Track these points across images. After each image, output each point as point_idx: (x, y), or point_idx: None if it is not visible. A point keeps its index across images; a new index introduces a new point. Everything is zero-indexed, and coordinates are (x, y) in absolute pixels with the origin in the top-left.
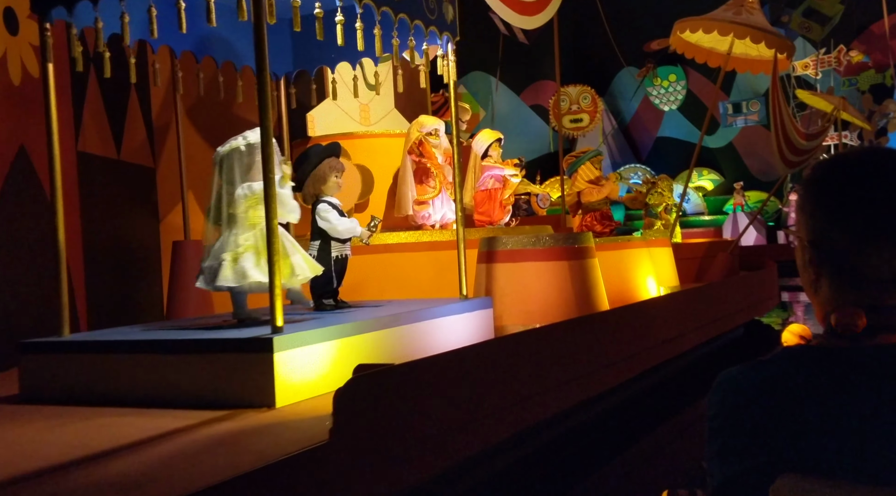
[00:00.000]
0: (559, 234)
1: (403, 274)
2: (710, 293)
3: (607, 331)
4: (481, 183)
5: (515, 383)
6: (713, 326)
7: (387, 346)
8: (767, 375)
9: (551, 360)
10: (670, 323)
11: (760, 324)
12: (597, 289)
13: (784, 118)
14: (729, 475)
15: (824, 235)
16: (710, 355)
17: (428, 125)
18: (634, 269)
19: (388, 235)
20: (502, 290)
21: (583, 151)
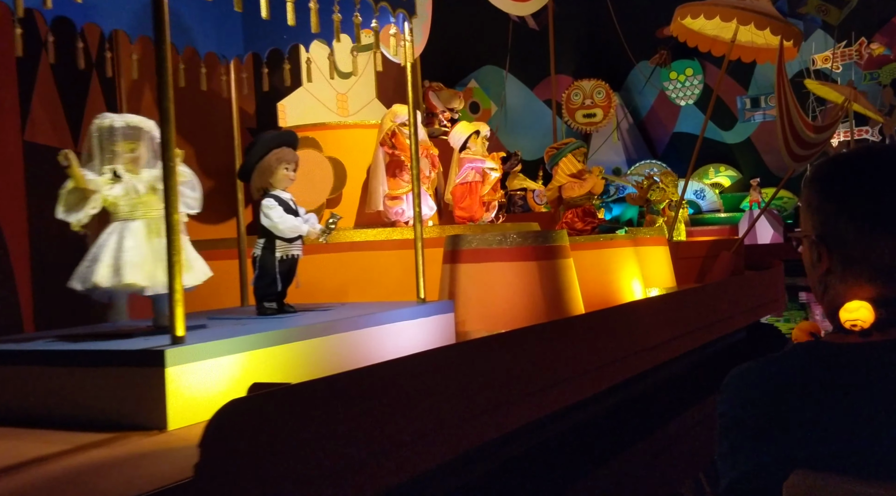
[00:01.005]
0: (528, 231)
1: (371, 274)
2: (705, 295)
3: (580, 337)
4: (461, 176)
5: (462, 398)
6: (708, 330)
7: (316, 358)
8: (778, 372)
9: (511, 371)
10: (655, 328)
11: (765, 326)
12: (570, 292)
13: (791, 109)
14: (741, 472)
15: (832, 228)
16: (704, 361)
17: (402, 115)
18: (617, 270)
19: (354, 232)
20: (466, 293)
21: (564, 143)
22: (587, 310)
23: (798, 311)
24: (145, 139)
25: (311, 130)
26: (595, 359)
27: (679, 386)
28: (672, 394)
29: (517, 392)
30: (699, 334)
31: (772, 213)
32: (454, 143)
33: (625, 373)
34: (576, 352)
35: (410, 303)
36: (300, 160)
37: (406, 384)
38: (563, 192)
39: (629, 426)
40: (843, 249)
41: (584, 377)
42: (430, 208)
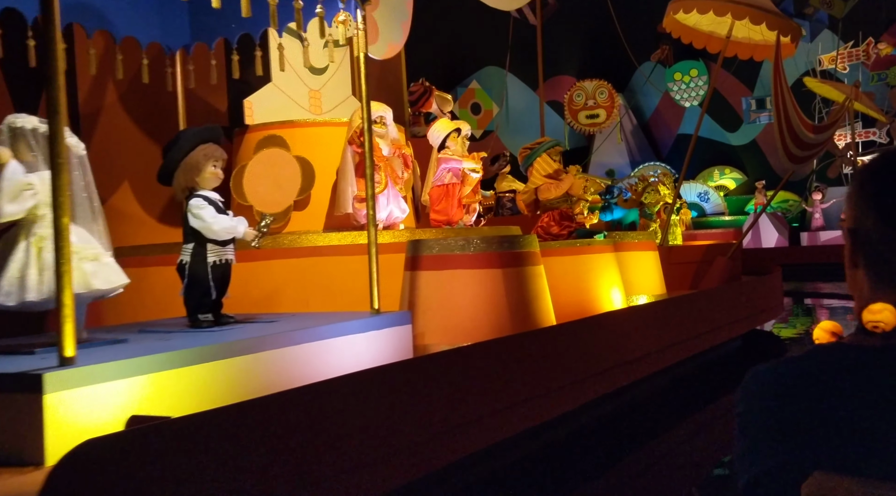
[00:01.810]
0: (494, 236)
1: (335, 282)
2: (694, 303)
3: (550, 351)
4: (437, 177)
5: (413, 421)
6: (697, 341)
7: (240, 378)
8: (797, 372)
9: (472, 388)
10: (635, 340)
11: (763, 334)
12: (539, 302)
13: (789, 109)
14: (758, 472)
15: (862, 225)
16: (693, 374)
17: (373, 111)
18: (595, 278)
19: (317, 236)
20: (426, 303)
21: (538, 142)
22: (559, 321)
23: (804, 317)
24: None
25: (279, 128)
26: (567, 374)
27: (664, 402)
28: (655, 410)
29: (478, 412)
30: (687, 345)
31: (777, 216)
32: (432, 141)
33: (601, 389)
34: (545, 366)
35: (363, 315)
36: (266, 160)
37: (340, 408)
38: (539, 194)
39: (606, 446)
40: (870, 248)
41: (554, 394)
42: (403, 211)
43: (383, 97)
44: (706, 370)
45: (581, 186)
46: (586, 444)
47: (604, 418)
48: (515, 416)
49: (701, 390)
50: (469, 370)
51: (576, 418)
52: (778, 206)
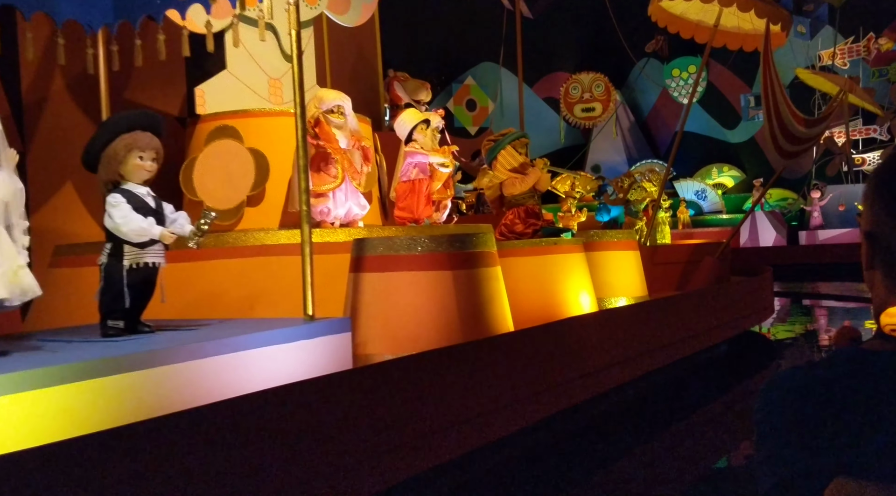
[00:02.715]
0: (444, 235)
1: (285, 283)
2: (674, 307)
3: (506, 360)
4: (404, 172)
5: (341, 441)
6: (677, 347)
7: (132, 397)
8: (817, 378)
9: (414, 402)
10: (605, 347)
11: (753, 337)
12: (494, 307)
13: (779, 101)
14: (780, 478)
15: (879, 228)
16: (669, 384)
17: (328, 101)
18: (562, 281)
19: (266, 234)
20: (369, 309)
21: (502, 134)
22: (521, 327)
23: (801, 318)
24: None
25: (231, 118)
26: (525, 386)
27: (637, 414)
28: (627, 423)
29: (421, 429)
30: (664, 352)
31: (775, 214)
32: (399, 133)
33: (564, 402)
34: (500, 378)
35: (295, 322)
36: (218, 153)
37: (247, 430)
38: (504, 190)
39: (568, 465)
40: (887, 251)
41: (511, 408)
42: (363, 207)
43: (356, 88)
44: (692, 375)
45: (548, 181)
46: (546, 463)
47: (569, 433)
48: (465, 433)
49: (685, 397)
50: (412, 383)
51: (534, 434)
52: (776, 205)
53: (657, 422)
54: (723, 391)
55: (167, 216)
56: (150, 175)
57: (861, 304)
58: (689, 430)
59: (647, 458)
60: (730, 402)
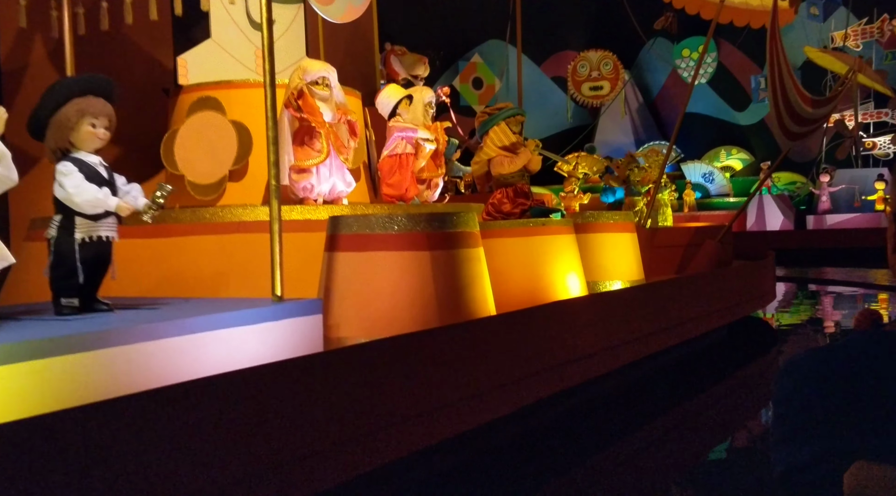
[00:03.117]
0: (423, 214)
1: (262, 262)
2: (668, 291)
3: (485, 345)
4: (389, 146)
5: (295, 433)
6: (671, 333)
7: (81, 380)
8: (837, 360)
9: (390, 388)
10: (593, 333)
11: (755, 322)
12: (475, 290)
13: (786, 80)
14: (798, 461)
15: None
16: (659, 371)
17: (313, 72)
18: (549, 263)
19: (243, 210)
20: (343, 290)
21: (498, 107)
22: (505, 310)
23: (809, 300)
24: None
25: (214, 89)
26: (505, 372)
27: (626, 402)
28: (616, 411)
29: (395, 417)
30: (658, 337)
31: (783, 197)
32: (380, 109)
33: (548, 389)
34: (480, 364)
35: (261, 303)
36: (199, 125)
37: (199, 418)
38: (492, 168)
39: (553, 454)
40: None
41: (491, 395)
42: (348, 184)
43: (352, 63)
44: (687, 362)
45: (539, 163)
46: (529, 451)
47: (554, 421)
48: (441, 421)
49: (678, 385)
50: (384, 368)
51: (517, 421)
52: (784, 188)
53: (645, 413)
54: (718, 378)
55: (119, 188)
56: (102, 144)
57: (868, 291)
58: (678, 421)
59: (633, 449)
60: (724, 391)
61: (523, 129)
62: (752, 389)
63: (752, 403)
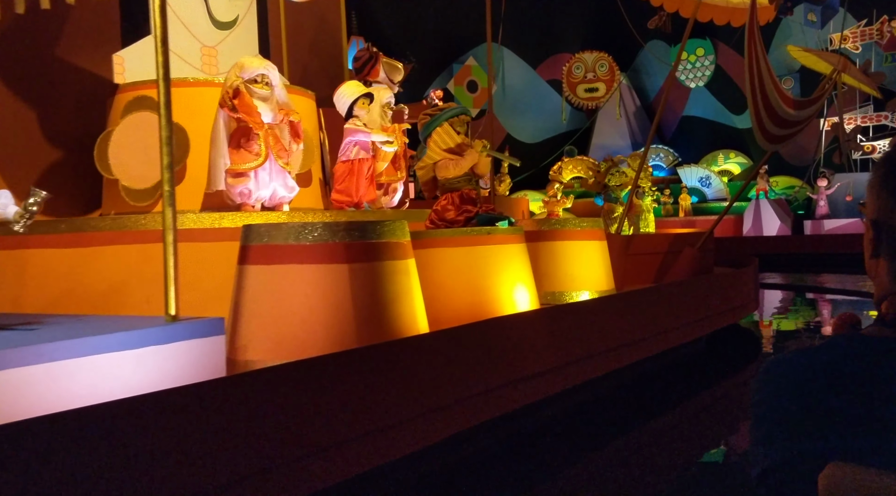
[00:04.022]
0: (343, 222)
1: (191, 274)
2: (631, 302)
3: (416, 366)
4: (342, 151)
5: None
6: (634, 348)
7: None
8: (815, 363)
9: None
10: (539, 351)
11: (737, 333)
12: (402, 306)
13: (765, 80)
14: (775, 461)
15: (885, 216)
16: (619, 390)
17: (250, 69)
18: (496, 274)
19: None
20: (251, 307)
21: (441, 108)
22: (446, 327)
23: (807, 307)
24: None
25: (150, 88)
26: (437, 395)
27: (578, 425)
28: (565, 437)
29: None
30: (621, 353)
31: (780, 202)
32: (339, 108)
33: (485, 413)
34: (406, 388)
35: (152, 322)
36: (134, 126)
37: (53, 458)
38: (437, 172)
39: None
40: (892, 239)
41: (418, 421)
42: (290, 189)
43: (318, 62)
44: (655, 379)
45: (487, 165)
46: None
47: (491, 449)
48: (357, 452)
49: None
50: (291, 395)
51: (452, 450)
52: (782, 193)
53: (602, 434)
54: (688, 396)
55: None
56: None
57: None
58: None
59: (586, 473)
60: (694, 408)
61: (470, 130)
62: (719, 410)
63: (718, 425)
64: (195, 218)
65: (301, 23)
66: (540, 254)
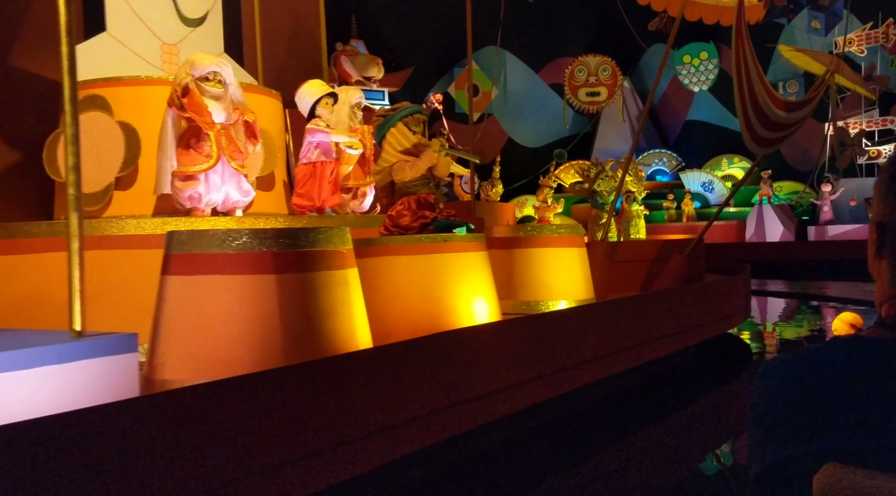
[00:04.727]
0: (272, 229)
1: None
2: (607, 312)
3: (349, 387)
4: (303, 153)
5: None
6: (611, 361)
7: None
8: (814, 364)
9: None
10: (501, 367)
11: (728, 343)
12: (338, 320)
13: (754, 81)
14: (771, 463)
15: (890, 218)
16: (590, 408)
17: (201, 66)
18: (451, 284)
19: (109, 222)
20: (171, 321)
21: (394, 108)
22: (394, 341)
23: (802, 316)
24: None
25: (101, 87)
26: (376, 417)
27: (549, 444)
28: (535, 456)
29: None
30: (591, 367)
31: (783, 208)
32: (300, 108)
33: (434, 436)
34: (340, 408)
35: (58, 338)
36: (84, 127)
37: None
38: (393, 175)
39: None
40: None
41: (356, 445)
42: (245, 193)
43: (297, 61)
44: (634, 393)
45: (447, 166)
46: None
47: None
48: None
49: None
50: (208, 420)
51: (399, 474)
52: (786, 198)
53: (577, 453)
54: (670, 410)
55: None
56: None
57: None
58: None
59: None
60: (676, 424)
61: (427, 129)
62: (702, 425)
63: (699, 441)
64: (136, 224)
65: (277, 22)
66: (515, 262)
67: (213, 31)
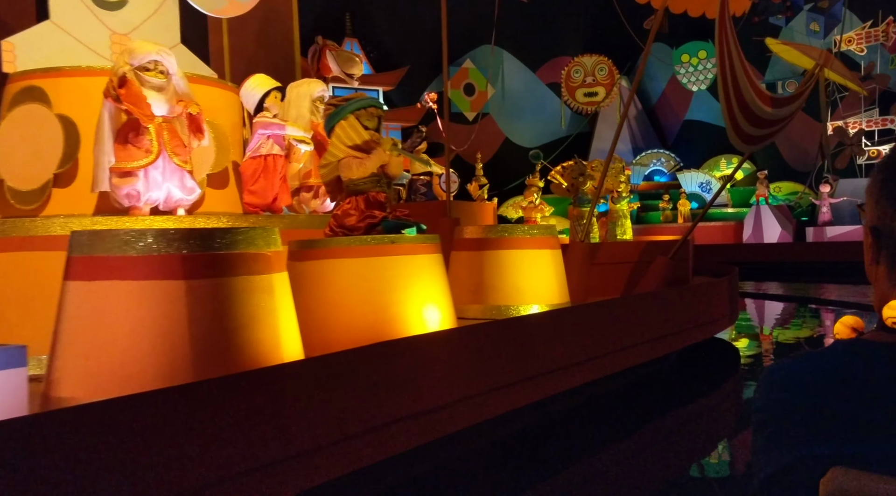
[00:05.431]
0: (181, 230)
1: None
2: (579, 317)
3: (273, 404)
4: (253, 147)
5: None
6: (582, 369)
7: None
8: (817, 368)
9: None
10: (443, 379)
11: (717, 344)
12: (260, 330)
13: (739, 76)
14: (776, 467)
15: (885, 223)
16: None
17: (140, 54)
18: (400, 289)
19: (32, 223)
20: (69, 333)
21: (346, 99)
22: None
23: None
24: None
25: (39, 78)
26: (303, 436)
27: (508, 462)
28: (505, 469)
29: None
30: (561, 375)
31: (781, 208)
32: (246, 103)
33: (379, 454)
34: (258, 428)
35: None
36: (22, 120)
37: None
38: (340, 172)
39: None
40: (893, 245)
41: (279, 467)
42: (189, 191)
43: (268, 57)
44: (614, 398)
45: (399, 165)
46: None
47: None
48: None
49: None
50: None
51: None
52: (785, 199)
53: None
54: (650, 419)
55: None
56: None
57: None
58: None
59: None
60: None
61: (381, 125)
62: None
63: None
64: (62, 223)
65: (245, 13)
66: (486, 265)
67: (167, 20)
